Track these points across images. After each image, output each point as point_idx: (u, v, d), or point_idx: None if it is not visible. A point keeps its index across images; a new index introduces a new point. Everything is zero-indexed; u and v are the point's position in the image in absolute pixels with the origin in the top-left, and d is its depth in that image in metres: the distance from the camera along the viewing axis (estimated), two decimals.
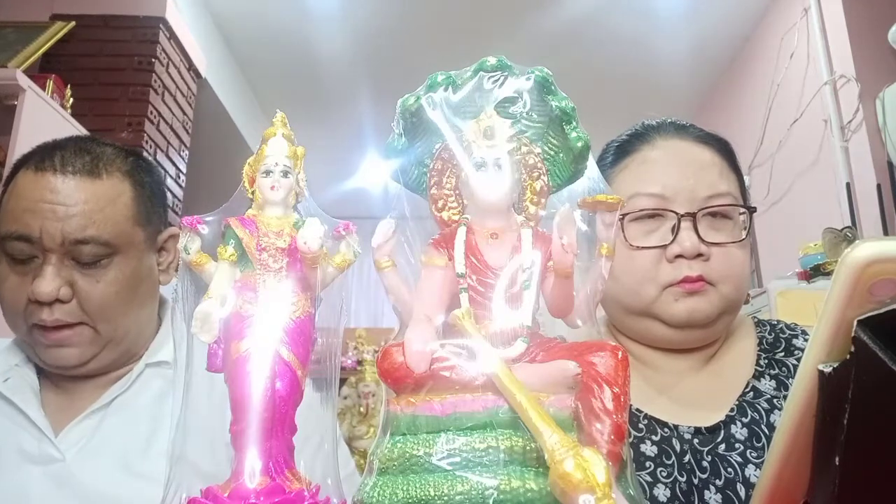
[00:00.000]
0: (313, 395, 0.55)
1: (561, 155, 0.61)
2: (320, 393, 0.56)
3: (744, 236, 0.91)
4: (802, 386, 0.46)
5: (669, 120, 0.99)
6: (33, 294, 0.86)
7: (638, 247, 0.89)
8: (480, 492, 0.44)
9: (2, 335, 1.05)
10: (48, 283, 0.86)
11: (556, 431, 0.44)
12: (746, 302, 0.98)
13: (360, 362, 3.62)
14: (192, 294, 0.54)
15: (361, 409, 3.29)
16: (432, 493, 0.44)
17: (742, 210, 0.92)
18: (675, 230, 0.88)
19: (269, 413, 0.49)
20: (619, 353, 0.51)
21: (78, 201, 0.89)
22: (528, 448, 0.46)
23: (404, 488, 0.46)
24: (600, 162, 1.00)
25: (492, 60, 0.59)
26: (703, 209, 0.88)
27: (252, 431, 0.48)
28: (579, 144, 0.58)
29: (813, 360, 0.45)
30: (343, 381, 3.39)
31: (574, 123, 0.58)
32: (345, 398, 3.33)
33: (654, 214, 0.90)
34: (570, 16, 3.54)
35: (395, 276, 0.56)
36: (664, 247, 0.88)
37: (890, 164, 2.57)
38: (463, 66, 0.60)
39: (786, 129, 3.26)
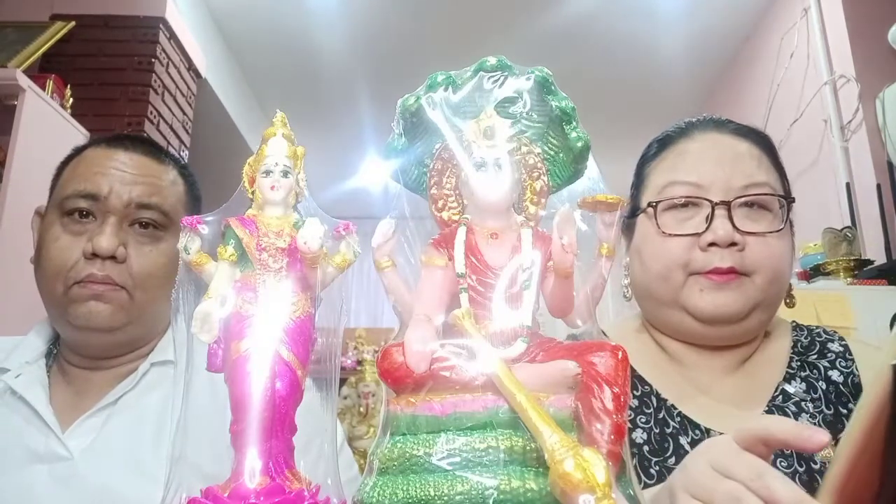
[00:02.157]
0: (313, 396, 0.55)
1: (561, 155, 0.61)
2: (320, 393, 0.56)
3: (782, 227, 0.89)
4: (879, 382, 0.46)
5: (709, 116, 0.99)
6: (94, 248, 0.92)
7: (671, 234, 0.88)
8: (480, 492, 0.44)
9: (1, 334, 1.06)
10: (109, 239, 0.93)
11: (556, 431, 0.44)
12: (791, 305, 0.94)
13: (360, 362, 3.62)
14: (192, 294, 0.54)
15: (361, 409, 3.29)
16: (432, 493, 0.44)
17: (782, 203, 0.90)
18: (710, 218, 0.86)
19: (268, 413, 0.49)
20: (619, 353, 0.51)
21: (146, 174, 0.98)
22: (528, 448, 0.46)
23: (404, 488, 0.46)
24: (643, 158, 1.00)
25: (492, 60, 0.59)
26: (738, 198, 0.87)
27: (252, 431, 0.48)
28: (579, 144, 0.58)
29: (888, 355, 0.44)
30: (343, 381, 3.39)
31: (574, 123, 0.58)
32: (345, 398, 3.33)
33: (687, 203, 0.89)
34: (569, 16, 3.54)
35: (395, 276, 0.56)
36: (698, 235, 0.87)
37: (890, 164, 2.57)
38: (463, 66, 0.60)
39: (786, 129, 3.25)
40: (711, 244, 0.86)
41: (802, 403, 0.88)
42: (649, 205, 0.92)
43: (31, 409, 0.92)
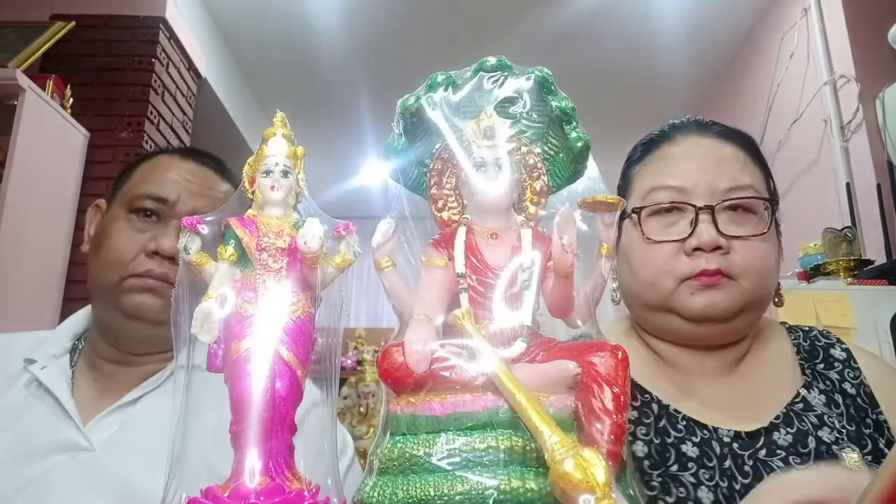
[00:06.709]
0: (313, 396, 0.55)
1: (561, 155, 0.61)
2: (320, 393, 0.56)
3: (766, 230, 0.89)
4: None
5: (692, 118, 0.99)
6: (157, 246, 0.99)
7: (656, 241, 0.88)
8: (480, 492, 0.44)
9: (1, 332, 1.06)
10: (172, 240, 0.99)
11: (556, 431, 0.44)
12: (779, 304, 0.95)
13: (360, 362, 3.62)
14: (192, 294, 0.54)
15: (361, 409, 3.29)
16: (432, 493, 0.44)
17: (767, 205, 0.91)
18: (694, 223, 0.87)
19: (268, 413, 0.49)
20: (619, 353, 0.51)
21: (210, 186, 1.07)
22: (528, 448, 0.46)
23: (404, 488, 0.46)
24: (628, 161, 1.00)
25: (492, 60, 0.59)
26: (722, 202, 0.87)
27: (252, 431, 0.48)
28: (579, 144, 0.58)
29: None
30: (343, 381, 3.39)
31: (574, 123, 0.58)
32: (345, 398, 3.33)
33: (671, 208, 0.89)
34: (570, 16, 3.54)
35: (395, 276, 0.56)
36: (682, 240, 0.87)
37: (890, 164, 2.57)
38: (463, 66, 0.60)
39: (786, 129, 3.26)
40: (696, 249, 0.86)
41: (825, 417, 0.87)
42: (633, 211, 0.92)
43: (55, 400, 0.95)
